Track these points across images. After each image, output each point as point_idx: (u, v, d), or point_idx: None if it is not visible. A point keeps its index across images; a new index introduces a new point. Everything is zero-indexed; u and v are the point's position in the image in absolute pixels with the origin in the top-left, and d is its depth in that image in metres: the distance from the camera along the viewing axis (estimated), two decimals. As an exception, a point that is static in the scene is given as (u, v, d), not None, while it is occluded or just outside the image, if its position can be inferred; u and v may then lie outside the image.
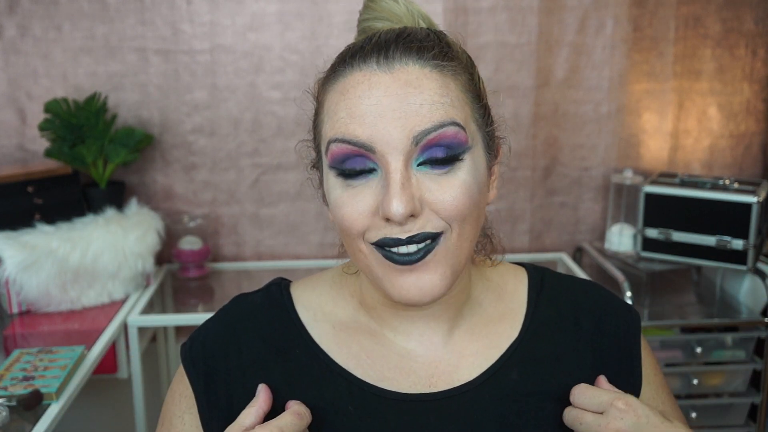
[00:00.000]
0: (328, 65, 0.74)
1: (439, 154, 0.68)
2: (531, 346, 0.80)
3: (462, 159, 0.69)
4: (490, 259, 0.85)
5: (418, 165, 0.68)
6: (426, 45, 0.69)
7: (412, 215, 0.67)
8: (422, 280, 0.69)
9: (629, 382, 0.81)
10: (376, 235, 0.69)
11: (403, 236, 0.68)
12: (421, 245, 0.68)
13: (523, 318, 0.82)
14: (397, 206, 0.65)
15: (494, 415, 0.76)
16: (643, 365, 0.83)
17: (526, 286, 0.85)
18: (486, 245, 0.84)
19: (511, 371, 0.78)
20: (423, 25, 0.77)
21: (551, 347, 0.81)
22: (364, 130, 0.67)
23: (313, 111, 0.76)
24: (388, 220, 0.67)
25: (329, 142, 0.69)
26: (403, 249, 0.68)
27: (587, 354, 0.81)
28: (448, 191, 0.68)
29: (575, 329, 0.82)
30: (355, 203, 0.69)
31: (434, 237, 0.69)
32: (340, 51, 0.74)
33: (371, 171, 0.69)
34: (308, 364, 0.78)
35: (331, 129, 0.69)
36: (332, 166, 0.70)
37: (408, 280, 0.69)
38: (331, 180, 0.71)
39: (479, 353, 0.79)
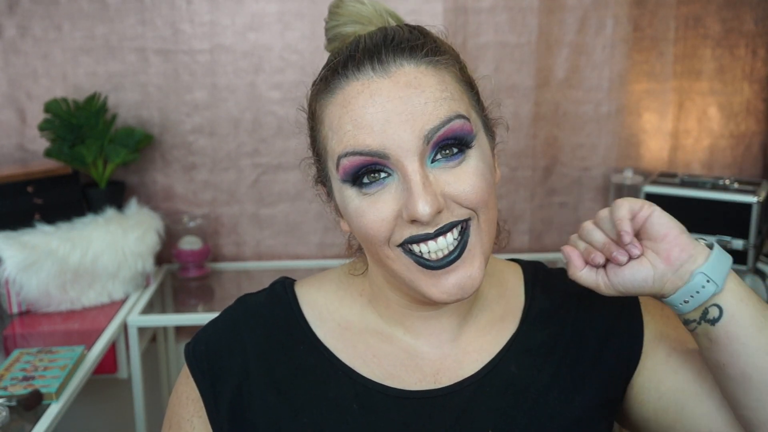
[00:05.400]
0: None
1: (450, 148, 0.68)
2: (528, 339, 0.81)
3: (471, 147, 0.70)
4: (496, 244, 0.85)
5: (432, 162, 0.68)
6: (416, 44, 0.69)
7: (438, 212, 0.68)
8: (462, 278, 0.69)
9: (629, 343, 0.81)
10: (401, 236, 0.69)
11: (432, 230, 0.68)
12: (451, 241, 0.68)
13: (521, 313, 0.83)
14: (423, 207, 0.65)
15: (495, 408, 0.77)
16: (645, 320, 0.82)
17: (523, 282, 0.86)
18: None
19: (510, 364, 0.79)
20: (392, 22, 0.77)
21: (547, 338, 0.81)
22: (374, 138, 0.66)
23: (309, 127, 0.75)
24: (414, 221, 0.67)
25: (339, 158, 0.69)
26: (433, 246, 0.68)
27: (585, 336, 0.81)
28: (466, 181, 0.68)
29: (568, 316, 0.82)
30: (376, 210, 0.68)
31: (463, 225, 0.69)
32: (325, 62, 0.73)
33: (386, 176, 0.69)
34: (312, 362, 0.79)
35: (339, 144, 0.69)
36: (345, 180, 0.69)
37: (449, 281, 0.69)
38: (346, 192, 0.70)
39: (483, 349, 0.80)
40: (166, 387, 2.15)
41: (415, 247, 0.69)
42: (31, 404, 1.27)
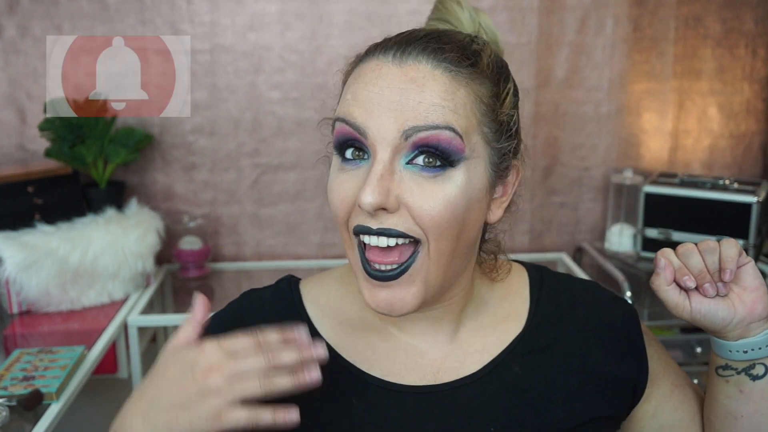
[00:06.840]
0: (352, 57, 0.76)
1: (434, 158, 0.67)
2: (532, 341, 0.81)
3: (455, 167, 0.68)
4: (496, 272, 0.85)
5: (407, 163, 0.68)
6: (445, 47, 0.69)
7: (384, 208, 0.67)
8: (393, 297, 0.70)
9: (636, 369, 0.83)
10: (353, 222, 0.70)
11: (374, 227, 0.68)
12: (393, 245, 0.69)
13: (526, 315, 0.83)
14: (368, 195, 0.65)
15: (497, 407, 0.77)
16: (648, 352, 0.85)
17: (528, 284, 0.86)
18: (489, 262, 0.84)
19: (513, 364, 0.79)
20: (483, 33, 0.78)
21: (552, 341, 0.82)
22: (361, 113, 0.68)
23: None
24: (360, 207, 0.68)
25: (334, 120, 0.71)
26: (374, 240, 0.69)
27: (591, 346, 0.82)
28: (428, 199, 0.67)
29: (575, 323, 0.83)
30: (342, 189, 0.70)
31: (414, 249, 0.69)
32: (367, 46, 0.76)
33: (365, 159, 0.69)
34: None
35: (339, 109, 0.71)
36: (335, 147, 0.71)
37: (380, 295, 0.70)
38: (334, 161, 0.73)
39: (485, 349, 0.80)
40: (166, 387, 2.15)
41: (362, 237, 0.70)
42: (32, 404, 1.27)
